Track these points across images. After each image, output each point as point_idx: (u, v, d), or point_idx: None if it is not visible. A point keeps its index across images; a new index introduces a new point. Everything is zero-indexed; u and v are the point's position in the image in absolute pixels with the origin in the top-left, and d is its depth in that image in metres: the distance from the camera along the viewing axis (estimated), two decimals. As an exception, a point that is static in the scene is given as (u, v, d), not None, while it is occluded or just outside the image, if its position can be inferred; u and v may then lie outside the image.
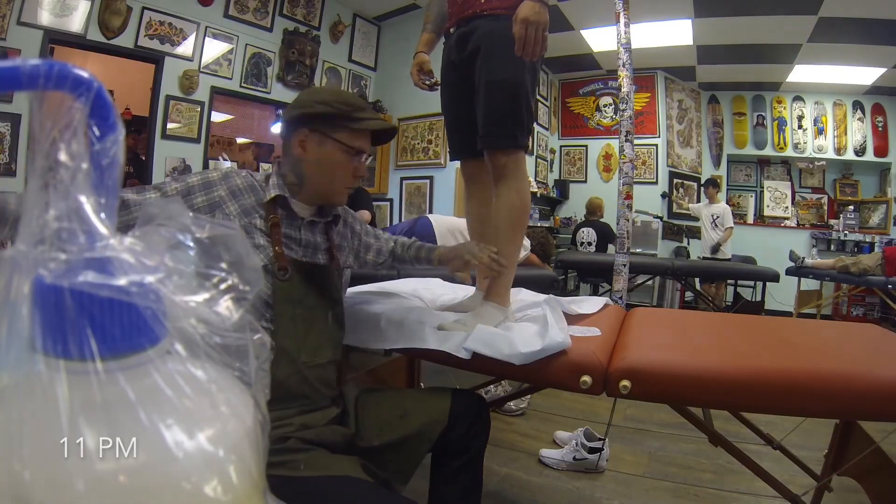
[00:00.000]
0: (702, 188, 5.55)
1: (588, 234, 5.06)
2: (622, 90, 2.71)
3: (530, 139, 1.30)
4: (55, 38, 3.03)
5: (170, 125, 3.63)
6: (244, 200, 0.94)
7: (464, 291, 1.50)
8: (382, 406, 1.02)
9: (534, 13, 1.07)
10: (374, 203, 4.24)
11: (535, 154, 5.79)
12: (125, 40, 3.34)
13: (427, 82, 1.43)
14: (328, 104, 0.95)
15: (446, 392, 1.06)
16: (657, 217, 5.51)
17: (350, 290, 1.32)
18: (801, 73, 5.43)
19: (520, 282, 1.47)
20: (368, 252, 1.20)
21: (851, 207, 6.01)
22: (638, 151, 5.75)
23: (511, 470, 1.82)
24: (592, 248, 5.02)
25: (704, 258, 5.20)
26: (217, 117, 4.21)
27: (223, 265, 0.32)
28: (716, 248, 5.03)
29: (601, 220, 5.14)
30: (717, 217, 5.08)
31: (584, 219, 5.38)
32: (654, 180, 5.91)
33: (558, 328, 0.97)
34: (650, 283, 5.30)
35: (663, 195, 5.89)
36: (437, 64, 1.42)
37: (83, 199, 0.27)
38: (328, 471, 0.80)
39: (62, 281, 0.25)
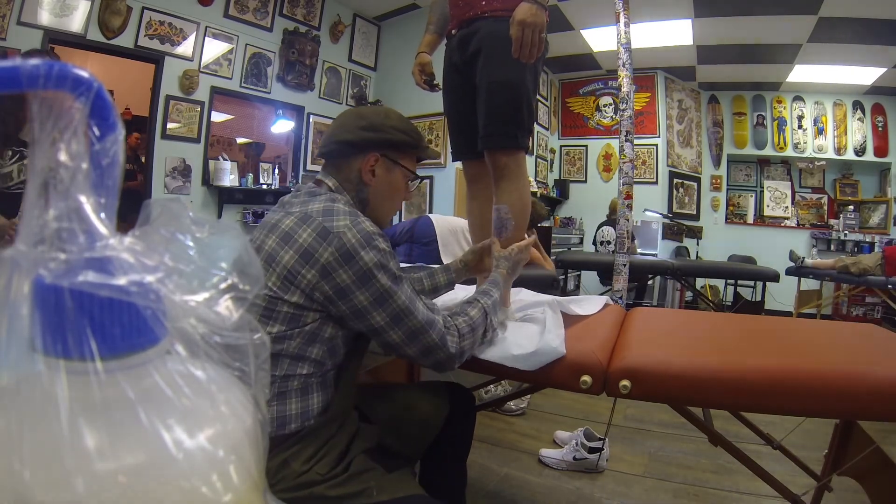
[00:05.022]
0: None
1: (608, 232, 5.01)
2: (622, 90, 2.71)
3: (531, 139, 1.30)
4: (55, 38, 3.03)
5: (170, 125, 3.62)
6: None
7: (464, 292, 1.50)
8: (387, 401, 1.04)
9: (530, 15, 1.07)
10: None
11: (535, 154, 5.79)
12: (125, 40, 3.34)
13: (429, 82, 1.44)
14: (403, 131, 0.94)
15: (443, 385, 1.12)
16: (666, 216, 5.50)
17: None
18: (801, 73, 5.42)
19: (520, 282, 1.47)
20: None
21: (851, 207, 6.00)
22: (638, 151, 5.75)
23: (511, 470, 1.82)
24: (611, 247, 4.95)
25: None
26: (217, 117, 4.21)
27: (223, 265, 0.32)
28: None
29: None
30: None
31: (606, 218, 5.32)
32: (654, 180, 5.91)
33: (555, 334, 0.97)
34: (650, 283, 5.29)
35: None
36: (439, 65, 1.43)
37: (83, 199, 0.27)
38: (396, 492, 0.81)
39: (62, 281, 0.25)
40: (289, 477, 0.76)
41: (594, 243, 5.21)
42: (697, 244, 5.60)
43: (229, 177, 3.89)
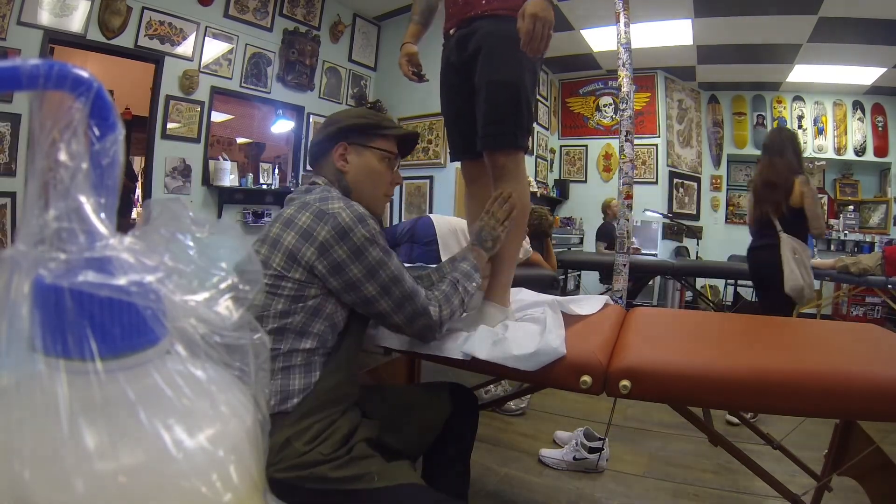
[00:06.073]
0: None
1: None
2: (622, 90, 2.71)
3: (530, 139, 1.30)
4: (55, 38, 3.03)
5: (170, 125, 3.62)
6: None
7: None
8: (388, 401, 1.05)
9: (542, 9, 1.07)
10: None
11: (535, 154, 5.79)
12: (125, 40, 3.34)
13: (416, 73, 1.43)
14: (361, 116, 1.04)
15: (445, 386, 1.14)
16: (667, 216, 5.50)
17: None
18: (801, 73, 5.42)
19: (520, 282, 1.47)
20: None
21: (851, 207, 6.00)
22: (638, 151, 5.75)
23: (511, 470, 1.82)
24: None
25: None
26: (217, 117, 4.20)
27: (223, 265, 0.32)
28: None
29: (610, 220, 5.09)
30: None
31: (602, 220, 5.32)
32: (654, 180, 5.91)
33: (555, 334, 0.97)
34: (650, 283, 5.29)
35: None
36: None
37: (83, 199, 0.27)
38: (396, 480, 0.83)
39: (62, 281, 0.25)
40: (291, 456, 0.78)
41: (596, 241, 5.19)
42: (697, 244, 5.59)
43: (229, 177, 3.89)
